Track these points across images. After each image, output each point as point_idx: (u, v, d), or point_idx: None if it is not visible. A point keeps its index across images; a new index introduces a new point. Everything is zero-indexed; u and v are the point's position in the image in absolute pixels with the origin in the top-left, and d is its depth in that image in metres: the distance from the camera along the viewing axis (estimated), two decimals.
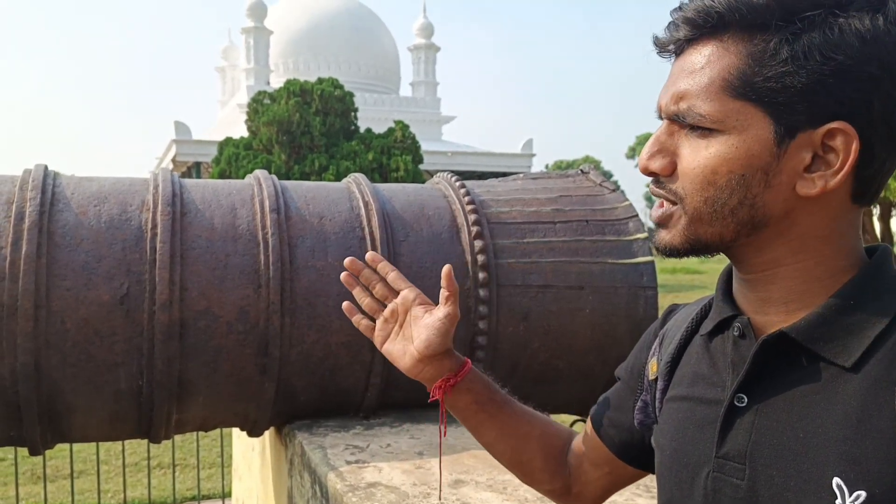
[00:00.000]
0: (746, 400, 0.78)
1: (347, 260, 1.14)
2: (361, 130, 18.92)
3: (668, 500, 0.88)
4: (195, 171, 26.36)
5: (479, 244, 2.45)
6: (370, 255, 1.14)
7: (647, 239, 2.63)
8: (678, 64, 0.81)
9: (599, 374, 2.53)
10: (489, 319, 2.42)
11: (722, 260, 0.86)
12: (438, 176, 2.85)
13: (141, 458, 5.98)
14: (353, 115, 18.81)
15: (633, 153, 72.53)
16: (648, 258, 2.59)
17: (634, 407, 1.02)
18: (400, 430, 2.35)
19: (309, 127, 17.71)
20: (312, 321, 2.28)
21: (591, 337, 2.53)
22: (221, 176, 17.30)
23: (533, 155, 30.53)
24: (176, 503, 5.28)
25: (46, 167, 2.29)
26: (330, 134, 18.03)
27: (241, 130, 20.44)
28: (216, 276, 2.20)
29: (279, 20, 33.00)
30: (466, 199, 2.57)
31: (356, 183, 2.62)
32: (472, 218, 2.50)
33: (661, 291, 2.67)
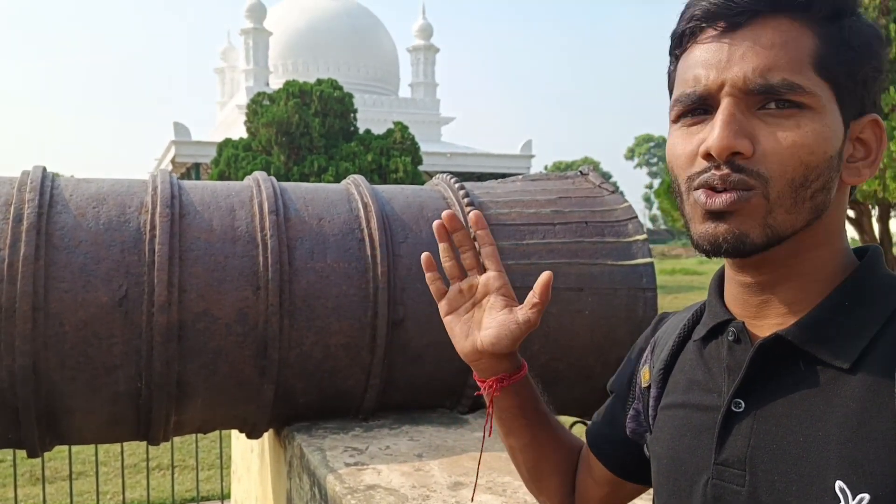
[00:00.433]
0: (744, 405, 0.77)
1: (448, 212, 1.02)
2: (361, 131, 18.91)
3: None
4: (194, 172, 26.36)
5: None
6: (474, 215, 1.03)
7: (646, 240, 2.62)
8: (746, 37, 0.75)
9: (599, 375, 2.52)
10: None
11: (718, 259, 0.85)
12: (437, 177, 2.85)
13: (140, 459, 5.98)
14: (352, 116, 18.80)
15: (631, 154, 72.60)
16: (648, 259, 2.59)
17: (627, 417, 1.00)
18: (399, 431, 2.35)
19: (308, 128, 17.70)
20: (311, 323, 2.27)
21: (590, 338, 2.53)
22: (221, 177, 17.30)
23: (532, 156, 30.50)
24: None
25: (45, 169, 2.28)
26: (329, 135, 18.02)
27: (240, 132, 20.43)
28: (215, 277, 2.20)
29: (278, 21, 32.97)
30: (466, 200, 2.56)
31: (355, 184, 2.62)
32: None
33: (660, 293, 2.67)
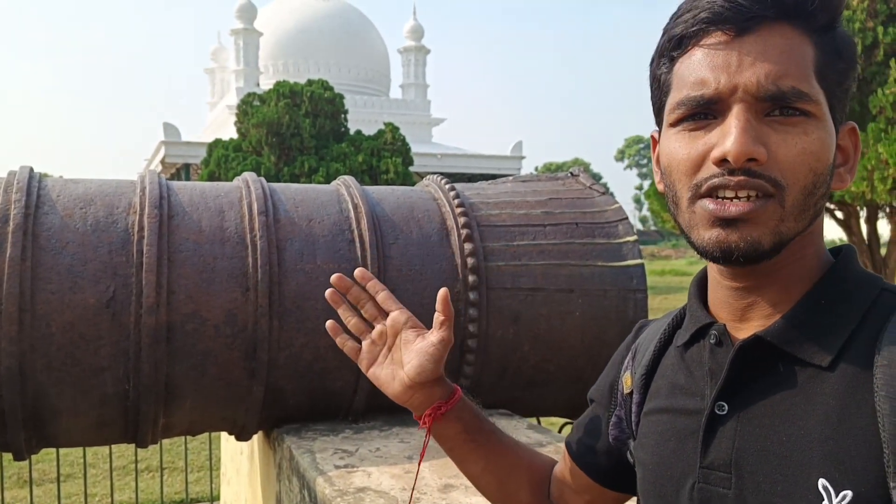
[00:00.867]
0: (727, 407, 0.78)
1: (335, 277, 1.07)
2: (351, 132, 18.88)
3: None
4: (184, 172, 26.25)
5: (468, 247, 2.44)
6: (359, 271, 1.08)
7: (636, 242, 2.63)
8: (756, 42, 0.74)
9: (589, 376, 2.52)
10: (479, 322, 2.41)
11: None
12: (428, 178, 2.84)
13: (128, 461, 5.94)
14: (342, 117, 18.76)
15: (622, 155, 72.76)
16: (638, 261, 2.59)
17: (609, 426, 1.00)
18: (389, 433, 2.34)
19: (299, 129, 17.66)
20: (301, 324, 2.26)
21: (581, 340, 2.53)
22: (210, 178, 17.22)
23: (522, 157, 30.52)
24: None
25: (32, 169, 2.26)
26: (320, 136, 17.98)
27: (230, 132, 20.35)
28: (204, 279, 2.19)
29: (269, 22, 32.88)
30: (456, 201, 2.56)
31: (345, 185, 2.61)
32: (461, 221, 2.49)
33: (650, 294, 2.67)
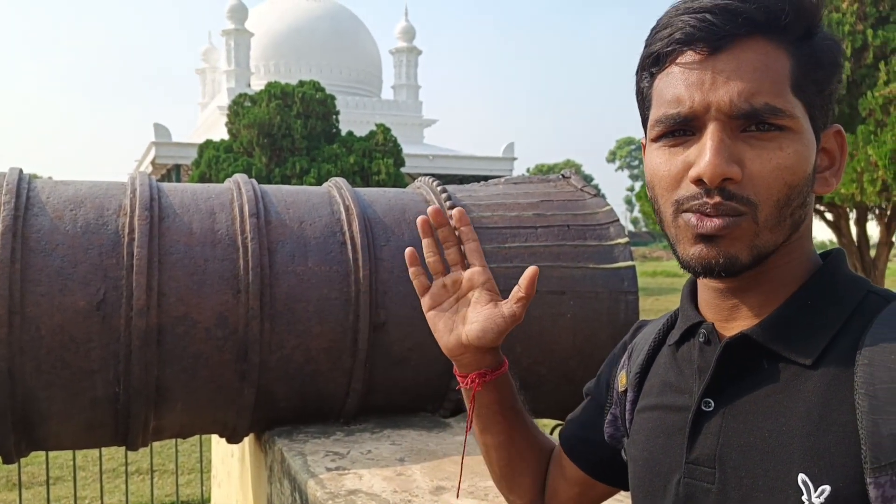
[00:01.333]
0: (713, 404, 0.79)
1: (433, 208, 1.02)
2: (343, 133, 18.87)
3: None
4: (175, 173, 26.17)
5: None
6: (457, 212, 1.03)
7: (627, 244, 2.63)
8: (728, 60, 0.74)
9: (581, 378, 2.51)
10: None
11: None
12: (420, 180, 2.84)
13: (118, 463, 5.91)
14: (334, 118, 18.75)
15: (613, 157, 72.93)
16: (629, 263, 2.60)
17: (604, 422, 1.01)
18: (381, 436, 2.34)
19: (290, 130, 17.64)
20: (292, 326, 2.26)
21: (572, 342, 2.53)
22: (201, 179, 17.17)
23: (514, 158, 30.59)
24: None
25: (21, 170, 2.25)
26: (311, 137, 17.96)
27: (221, 133, 20.31)
28: (194, 281, 2.18)
29: (260, 22, 32.81)
30: (448, 203, 2.56)
31: (337, 187, 2.60)
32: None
33: (641, 295, 2.68)
